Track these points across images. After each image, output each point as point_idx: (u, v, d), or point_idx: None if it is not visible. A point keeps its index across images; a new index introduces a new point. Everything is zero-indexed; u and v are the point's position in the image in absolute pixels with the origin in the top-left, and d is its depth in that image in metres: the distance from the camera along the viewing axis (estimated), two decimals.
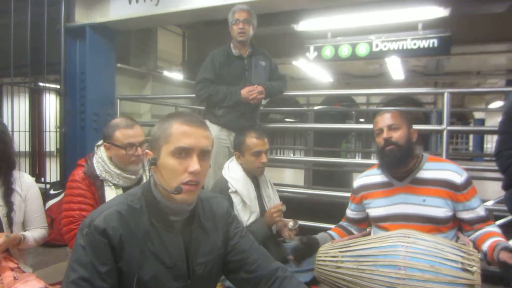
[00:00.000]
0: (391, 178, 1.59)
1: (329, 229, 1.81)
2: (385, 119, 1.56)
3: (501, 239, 1.41)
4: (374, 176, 1.67)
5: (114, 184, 1.68)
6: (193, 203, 1.07)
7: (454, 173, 1.49)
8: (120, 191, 1.67)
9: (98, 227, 0.95)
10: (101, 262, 0.94)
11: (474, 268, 1.15)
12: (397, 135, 1.52)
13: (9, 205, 1.58)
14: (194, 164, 0.98)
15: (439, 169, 1.52)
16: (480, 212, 1.49)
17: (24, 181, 1.68)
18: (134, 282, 0.97)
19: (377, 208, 1.61)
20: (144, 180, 1.74)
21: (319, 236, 1.69)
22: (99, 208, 1.03)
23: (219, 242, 1.13)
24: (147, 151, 1.05)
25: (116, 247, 0.96)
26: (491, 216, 1.52)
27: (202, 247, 1.08)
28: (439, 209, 1.47)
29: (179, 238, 1.04)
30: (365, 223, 1.74)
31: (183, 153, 0.98)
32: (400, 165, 1.53)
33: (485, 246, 1.39)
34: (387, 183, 1.60)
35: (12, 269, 1.52)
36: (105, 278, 0.94)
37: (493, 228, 1.48)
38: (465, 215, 1.49)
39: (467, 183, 1.49)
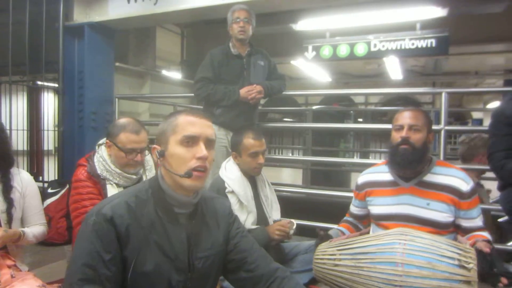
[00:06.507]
0: (397, 178, 1.58)
1: (329, 228, 1.79)
2: (409, 117, 1.53)
3: (484, 238, 1.42)
4: (379, 173, 1.65)
5: (115, 183, 1.68)
6: (199, 194, 1.11)
7: (462, 181, 1.49)
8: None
9: (105, 215, 0.98)
10: (106, 250, 0.97)
11: (471, 265, 1.15)
12: (416, 137, 1.50)
13: (8, 201, 1.57)
14: (201, 150, 1.04)
15: (447, 174, 1.52)
16: (478, 222, 1.50)
17: (22, 178, 1.67)
18: (131, 268, 0.99)
19: (379, 206, 1.60)
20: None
21: (332, 232, 1.69)
22: (106, 199, 1.08)
23: (221, 239, 1.16)
24: (154, 145, 1.09)
25: (122, 235, 0.99)
26: (485, 226, 1.54)
27: (203, 242, 1.11)
28: (442, 214, 1.48)
29: (182, 230, 1.08)
30: (369, 219, 1.73)
31: (190, 141, 1.04)
32: (410, 167, 1.52)
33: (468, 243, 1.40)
34: (392, 182, 1.59)
35: (9, 267, 1.52)
36: (109, 266, 0.97)
37: (482, 232, 1.49)
38: (464, 223, 1.50)
39: (472, 192, 1.49)
